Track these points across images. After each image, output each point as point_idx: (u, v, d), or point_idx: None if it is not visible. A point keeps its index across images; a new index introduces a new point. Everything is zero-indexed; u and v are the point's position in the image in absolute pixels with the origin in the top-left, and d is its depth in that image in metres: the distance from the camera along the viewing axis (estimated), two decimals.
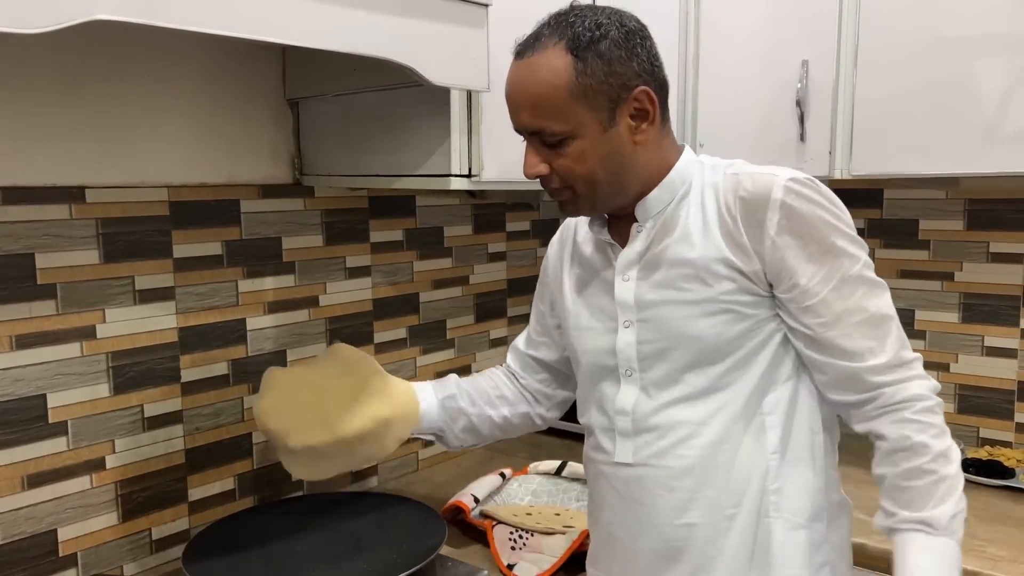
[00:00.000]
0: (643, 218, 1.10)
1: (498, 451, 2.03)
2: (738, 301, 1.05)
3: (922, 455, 1.03)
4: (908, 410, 1.03)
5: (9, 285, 1.24)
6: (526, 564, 1.38)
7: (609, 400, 1.13)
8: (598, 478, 1.17)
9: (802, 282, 1.03)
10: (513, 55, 1.06)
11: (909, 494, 1.04)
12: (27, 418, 1.28)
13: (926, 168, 1.63)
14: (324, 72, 1.50)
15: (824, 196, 1.05)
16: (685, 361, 1.07)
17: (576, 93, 1.01)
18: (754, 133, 1.80)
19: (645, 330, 1.09)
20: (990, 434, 1.95)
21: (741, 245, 1.04)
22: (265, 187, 1.57)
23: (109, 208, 1.35)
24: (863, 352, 1.04)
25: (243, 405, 1.56)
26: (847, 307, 1.03)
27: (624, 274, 1.11)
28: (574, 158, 1.04)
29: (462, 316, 1.99)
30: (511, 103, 1.06)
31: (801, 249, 1.02)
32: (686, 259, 1.06)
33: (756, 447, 1.08)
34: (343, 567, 1.21)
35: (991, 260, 1.92)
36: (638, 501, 1.11)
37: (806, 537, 1.09)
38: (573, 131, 1.02)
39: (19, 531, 1.28)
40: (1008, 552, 1.45)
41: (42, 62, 1.26)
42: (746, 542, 1.08)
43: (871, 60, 1.67)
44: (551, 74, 1.01)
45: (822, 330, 1.04)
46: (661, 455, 1.09)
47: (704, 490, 1.08)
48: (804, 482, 1.10)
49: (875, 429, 1.06)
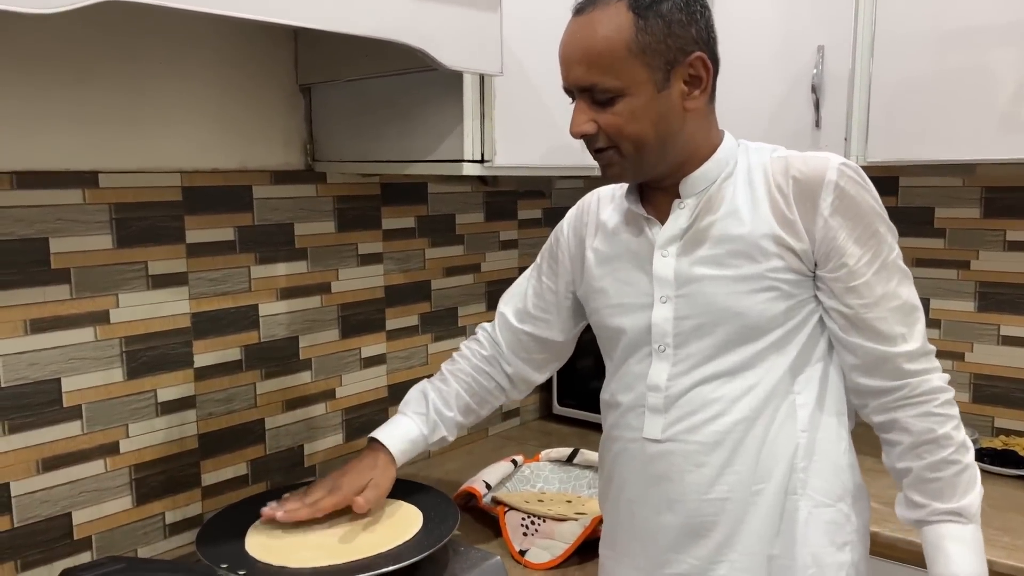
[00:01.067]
0: (687, 194, 1.10)
1: (509, 439, 2.04)
2: (784, 279, 1.06)
3: (947, 447, 1.07)
4: (932, 403, 1.07)
5: (23, 269, 1.25)
6: (538, 550, 1.38)
7: (639, 376, 1.14)
8: (621, 455, 1.17)
9: (850, 262, 1.05)
10: (572, 12, 1.06)
11: (938, 485, 1.07)
12: (42, 402, 1.28)
13: (941, 154, 1.62)
14: (336, 57, 1.49)
15: (869, 183, 1.08)
16: (726, 337, 1.08)
17: (634, 50, 1.01)
18: (769, 119, 1.79)
19: (684, 305, 1.10)
20: (1005, 423, 1.94)
21: (792, 223, 1.05)
22: (277, 173, 1.57)
23: (122, 193, 1.35)
24: (895, 337, 1.06)
25: (256, 391, 1.57)
26: (886, 291, 1.06)
27: (664, 249, 1.11)
28: (625, 116, 1.03)
29: (474, 304, 1.99)
30: (565, 58, 1.05)
31: (851, 231, 1.05)
32: (735, 235, 1.07)
33: (787, 425, 1.09)
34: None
35: (1008, 249, 1.90)
36: (665, 477, 1.12)
37: (831, 516, 1.11)
38: (626, 88, 1.02)
39: (35, 514, 1.29)
40: (1022, 541, 1.44)
41: (55, 46, 1.26)
42: (772, 518, 1.09)
43: (887, 47, 1.65)
44: (610, 29, 1.01)
45: (863, 311, 1.06)
46: (692, 431, 1.10)
47: (733, 466, 1.09)
48: (831, 462, 1.11)
49: (898, 421, 1.08)
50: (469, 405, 1.37)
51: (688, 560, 1.12)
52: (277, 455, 1.61)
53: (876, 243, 1.06)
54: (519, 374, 1.38)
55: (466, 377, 1.37)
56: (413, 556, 1.16)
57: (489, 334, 1.41)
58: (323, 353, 1.68)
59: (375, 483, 1.28)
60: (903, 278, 1.09)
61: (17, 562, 1.27)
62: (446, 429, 1.36)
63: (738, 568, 1.10)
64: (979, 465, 1.75)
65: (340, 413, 1.72)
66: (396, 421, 1.36)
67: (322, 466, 1.69)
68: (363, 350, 1.75)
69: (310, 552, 1.18)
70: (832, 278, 1.07)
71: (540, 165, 1.52)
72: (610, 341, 1.19)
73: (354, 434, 1.75)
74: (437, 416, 1.35)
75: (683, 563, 1.12)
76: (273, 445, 1.61)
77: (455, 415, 1.36)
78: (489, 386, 1.38)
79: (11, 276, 1.23)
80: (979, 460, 1.77)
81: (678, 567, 1.12)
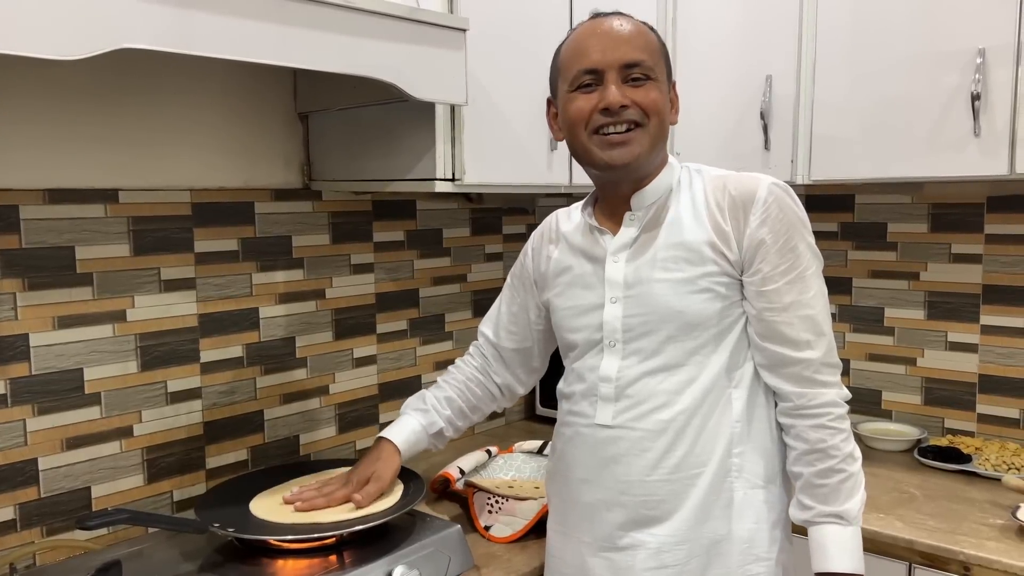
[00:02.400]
0: (637, 207, 1.26)
1: (494, 436, 2.19)
2: (718, 282, 1.20)
3: (834, 456, 1.20)
4: (825, 417, 1.20)
5: (53, 273, 1.44)
6: (500, 526, 1.54)
7: (592, 368, 1.27)
8: (574, 439, 1.30)
9: (765, 269, 1.19)
10: (592, 16, 1.25)
11: (824, 490, 1.20)
12: (67, 388, 1.47)
13: (879, 172, 1.77)
14: (329, 89, 1.69)
15: (798, 203, 1.23)
16: (668, 333, 1.22)
17: (661, 50, 1.24)
18: (724, 142, 1.95)
19: (632, 305, 1.24)
20: (954, 424, 2.07)
21: (725, 233, 1.20)
22: (277, 191, 1.76)
23: (139, 208, 1.54)
24: (800, 343, 1.20)
25: (256, 385, 1.75)
26: (796, 300, 1.19)
27: (615, 256, 1.26)
28: (656, 96, 1.20)
29: (460, 311, 2.16)
30: (605, 42, 1.19)
31: (773, 242, 1.19)
32: (678, 242, 1.22)
33: (724, 416, 1.22)
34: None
35: (953, 260, 2.04)
36: (613, 459, 1.24)
37: (763, 496, 1.24)
38: (658, 75, 1.21)
39: (59, 487, 1.47)
40: (946, 524, 1.58)
41: (81, 80, 1.46)
42: (709, 498, 1.22)
43: (829, 75, 1.82)
44: (647, 27, 1.24)
45: (770, 315, 1.20)
46: (639, 419, 1.23)
47: (675, 451, 1.21)
48: (763, 448, 1.25)
49: (795, 427, 1.22)
50: (463, 409, 1.51)
51: (632, 535, 1.24)
52: (275, 443, 1.79)
53: (794, 256, 1.19)
54: (507, 384, 1.54)
55: (460, 386, 1.52)
56: (380, 519, 1.33)
57: (479, 349, 1.56)
58: (318, 352, 1.86)
59: (377, 475, 1.42)
60: (818, 295, 1.21)
61: (43, 528, 1.45)
62: (443, 423, 1.49)
63: (679, 543, 1.22)
64: (922, 461, 1.91)
65: (333, 408, 1.90)
66: (398, 420, 1.50)
67: (315, 455, 1.86)
68: (355, 351, 1.93)
69: (298, 516, 1.36)
70: (748, 282, 1.20)
71: (506, 183, 1.70)
72: (568, 339, 1.34)
73: (346, 427, 1.93)
74: (435, 412, 1.49)
75: (627, 538, 1.24)
76: (271, 434, 1.79)
77: (450, 414, 1.50)
78: (481, 394, 1.53)
79: (42, 279, 1.43)
80: (923, 456, 1.92)
81: (621, 541, 1.24)
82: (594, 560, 1.27)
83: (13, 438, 1.41)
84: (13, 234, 1.39)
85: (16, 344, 1.41)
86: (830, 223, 2.21)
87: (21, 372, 1.41)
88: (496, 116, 1.63)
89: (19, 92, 1.39)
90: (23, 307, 1.41)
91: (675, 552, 1.22)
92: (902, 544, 1.54)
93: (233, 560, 1.33)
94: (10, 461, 1.41)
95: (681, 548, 1.22)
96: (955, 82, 1.65)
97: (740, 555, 1.22)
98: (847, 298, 2.19)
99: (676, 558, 1.22)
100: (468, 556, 1.43)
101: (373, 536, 1.36)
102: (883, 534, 1.56)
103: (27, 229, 1.41)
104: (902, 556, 1.54)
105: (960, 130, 1.65)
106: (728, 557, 1.22)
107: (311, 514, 1.37)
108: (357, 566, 1.29)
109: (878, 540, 1.55)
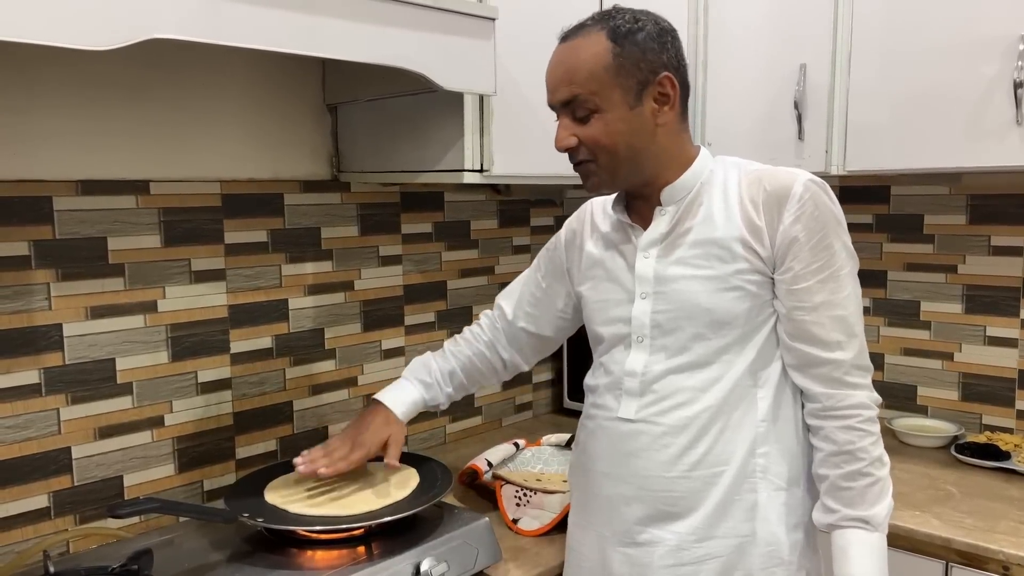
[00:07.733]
0: (668, 202, 1.24)
1: (521, 430, 2.19)
2: (749, 280, 1.18)
3: (862, 459, 1.17)
4: (855, 419, 1.17)
5: (85, 264, 1.46)
6: (529, 519, 1.54)
7: (619, 362, 1.26)
8: (596, 432, 1.30)
9: (797, 267, 1.16)
10: (558, 39, 1.21)
11: (850, 494, 1.17)
12: (99, 378, 1.49)
13: (913, 163, 1.73)
14: (357, 80, 1.69)
15: (835, 201, 1.19)
16: (694, 331, 1.20)
17: (610, 71, 1.14)
18: (757, 132, 1.92)
19: (660, 301, 1.22)
20: (992, 420, 2.03)
21: (759, 229, 1.17)
22: (306, 182, 1.76)
23: (169, 199, 1.55)
24: (831, 343, 1.17)
25: (285, 376, 1.76)
26: (828, 300, 1.16)
27: (646, 252, 1.24)
28: (601, 130, 1.16)
29: (487, 303, 2.15)
30: (550, 79, 1.19)
31: (807, 240, 1.16)
32: (709, 239, 1.19)
33: (747, 415, 1.20)
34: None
35: (992, 253, 1.99)
36: (634, 453, 1.23)
37: (786, 499, 1.22)
38: (602, 105, 1.15)
39: (92, 475, 1.49)
40: (984, 523, 1.55)
41: (113, 73, 1.47)
42: (731, 498, 1.20)
43: (864, 64, 1.78)
44: (590, 53, 1.15)
45: (800, 314, 1.17)
46: (662, 414, 1.21)
47: (696, 448, 1.20)
48: (787, 450, 1.22)
49: (823, 429, 1.19)
50: (463, 383, 1.53)
51: (651, 531, 1.22)
52: (303, 434, 1.80)
53: (828, 255, 1.16)
54: (512, 361, 1.53)
55: (464, 359, 1.52)
56: (408, 510, 1.33)
57: (491, 321, 1.54)
58: (346, 344, 1.86)
59: (395, 439, 1.43)
60: (851, 296, 1.18)
61: (76, 516, 1.47)
62: (443, 399, 1.51)
63: (698, 541, 1.20)
64: (959, 458, 1.87)
65: (361, 399, 1.91)
66: (400, 385, 1.50)
67: None
68: (383, 343, 1.94)
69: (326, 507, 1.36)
70: (779, 280, 1.18)
71: (534, 174, 1.68)
72: (597, 332, 1.33)
73: None
74: (437, 387, 1.50)
75: (645, 533, 1.23)
76: (300, 425, 1.79)
77: (451, 391, 1.52)
78: (484, 368, 1.53)
79: (76, 269, 1.44)
80: (961, 453, 1.88)
81: (640, 536, 1.23)
82: (613, 554, 1.26)
83: (47, 427, 1.43)
84: (47, 225, 1.41)
85: (50, 334, 1.42)
86: (864, 215, 2.17)
87: (55, 362, 1.43)
88: (524, 106, 1.61)
89: (52, 85, 1.40)
90: (56, 297, 1.42)
91: (694, 550, 1.20)
92: (938, 543, 1.51)
93: (262, 550, 1.33)
94: (44, 449, 1.43)
95: (700, 547, 1.20)
96: (995, 69, 1.60)
97: (762, 558, 1.20)
98: (882, 291, 2.15)
99: (695, 556, 1.20)
100: (496, 549, 1.42)
101: (401, 528, 1.36)
102: (919, 532, 1.53)
103: (60, 220, 1.42)
104: (939, 555, 1.51)
105: (1001, 119, 1.60)
106: (750, 559, 1.20)
107: (339, 504, 1.37)
108: (385, 557, 1.29)
109: (914, 538, 1.52)
